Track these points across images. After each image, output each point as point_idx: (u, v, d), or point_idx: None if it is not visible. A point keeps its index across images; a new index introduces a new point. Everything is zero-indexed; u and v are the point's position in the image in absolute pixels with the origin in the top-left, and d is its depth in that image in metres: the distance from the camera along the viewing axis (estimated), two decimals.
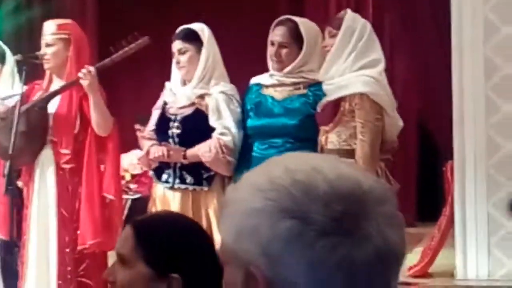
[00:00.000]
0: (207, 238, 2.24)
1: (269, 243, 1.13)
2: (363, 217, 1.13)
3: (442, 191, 5.64)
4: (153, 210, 4.71)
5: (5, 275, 5.01)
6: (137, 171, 7.63)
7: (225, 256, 1.20)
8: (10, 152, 4.37)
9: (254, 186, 1.16)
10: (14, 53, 5.45)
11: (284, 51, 4.48)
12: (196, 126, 4.60)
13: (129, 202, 7.40)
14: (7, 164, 4.35)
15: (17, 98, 5.04)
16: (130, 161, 7.43)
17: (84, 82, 4.61)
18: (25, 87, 4.88)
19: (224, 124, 4.54)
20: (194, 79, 4.61)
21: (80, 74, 4.62)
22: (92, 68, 4.63)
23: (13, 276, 4.80)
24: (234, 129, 4.54)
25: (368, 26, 4.44)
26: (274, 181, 1.15)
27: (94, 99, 4.65)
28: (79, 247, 4.67)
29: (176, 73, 4.74)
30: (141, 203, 6.97)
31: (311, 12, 7.33)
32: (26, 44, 7.61)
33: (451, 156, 5.23)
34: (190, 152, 4.56)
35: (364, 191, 1.15)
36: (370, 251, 1.12)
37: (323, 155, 1.28)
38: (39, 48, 6.94)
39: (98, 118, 4.68)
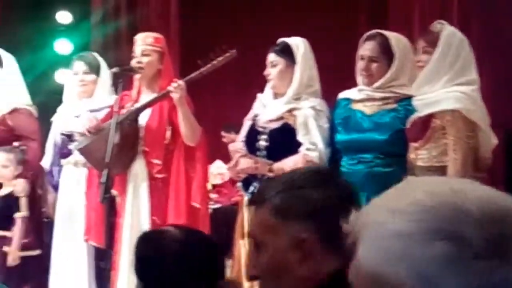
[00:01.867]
0: (208, 253, 2.30)
1: (423, 266, 1.09)
2: None
3: None
4: (240, 220, 4.77)
5: (99, 282, 5.12)
6: (218, 181, 7.69)
7: (364, 280, 1.17)
8: (107, 161, 4.45)
9: (393, 208, 1.14)
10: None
11: (374, 65, 4.45)
12: (284, 140, 4.61)
13: (209, 211, 7.45)
14: (105, 173, 4.43)
15: (107, 110, 5.16)
16: (212, 171, 7.50)
17: (175, 95, 4.70)
18: (115, 98, 4.99)
19: (312, 139, 4.54)
20: (287, 95, 4.62)
21: (170, 88, 4.70)
22: (181, 82, 4.71)
23: (107, 283, 4.89)
24: (321, 145, 4.53)
25: (466, 43, 4.30)
26: (418, 203, 1.12)
27: (183, 111, 4.73)
28: None
29: (269, 86, 4.77)
30: (221, 213, 7.01)
31: (393, 22, 7.27)
32: (112, 55, 7.75)
33: None
34: (277, 166, 4.57)
35: None
36: None
37: (455, 179, 1.25)
38: (125, 59, 7.09)
39: (187, 129, 4.76)
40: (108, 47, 8.03)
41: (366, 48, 4.46)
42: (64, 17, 8.56)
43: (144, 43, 4.92)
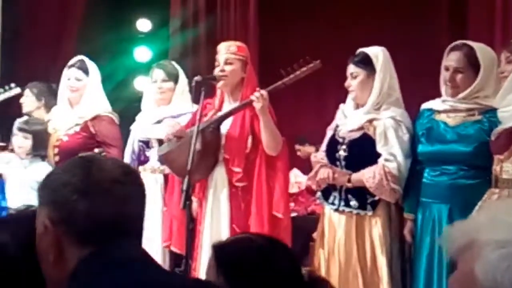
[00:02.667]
0: (290, 260, 2.25)
1: None
2: None
3: None
4: (321, 230, 4.75)
5: None
6: (295, 190, 7.68)
7: None
8: (189, 168, 4.48)
9: None
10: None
11: (459, 76, 4.39)
12: (363, 151, 4.59)
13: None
14: (186, 180, 4.46)
15: (188, 116, 5.20)
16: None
17: (257, 105, 4.70)
18: (196, 106, 5.02)
19: (390, 150, 4.50)
20: (367, 105, 4.60)
21: (253, 97, 4.70)
22: (264, 92, 4.71)
23: None
24: (400, 156, 4.49)
25: None
26: None
27: (265, 120, 4.73)
28: None
29: (350, 96, 4.75)
30: (298, 222, 6.99)
31: (475, 33, 7.17)
32: (191, 62, 7.82)
33: None
34: (355, 176, 4.55)
35: None
36: None
37: None
38: (203, 66, 7.14)
39: (268, 139, 4.76)
40: (186, 54, 8.12)
41: (451, 59, 4.41)
42: (143, 25, 8.68)
43: (228, 52, 4.93)
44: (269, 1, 8.58)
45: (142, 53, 8.65)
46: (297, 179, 7.63)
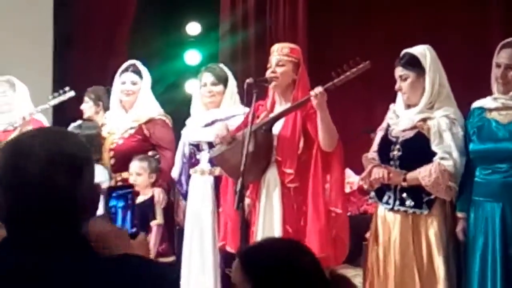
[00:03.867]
0: (312, 260, 2.28)
1: None
2: None
3: None
4: (374, 229, 4.75)
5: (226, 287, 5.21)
6: (347, 190, 7.66)
7: None
8: (242, 169, 4.51)
9: None
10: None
11: (510, 73, 4.39)
12: (417, 149, 4.57)
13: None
14: (239, 181, 4.50)
15: (238, 118, 5.25)
16: None
17: (315, 102, 4.69)
18: (247, 108, 5.06)
19: (446, 148, 4.49)
20: (420, 105, 4.60)
21: (312, 93, 4.68)
22: (321, 88, 4.68)
23: None
24: (455, 154, 4.48)
25: None
26: None
27: (323, 116, 4.72)
28: None
29: (401, 96, 4.74)
30: (350, 222, 6.98)
31: None
32: (240, 65, 7.87)
33: None
34: (410, 175, 4.54)
35: None
36: None
37: None
38: (252, 69, 7.17)
39: (326, 134, 4.75)
40: (236, 57, 8.17)
41: (502, 56, 4.41)
42: (193, 28, 8.76)
43: (280, 54, 4.95)
44: (318, 2, 8.59)
45: (192, 56, 8.73)
46: (349, 179, 7.60)
